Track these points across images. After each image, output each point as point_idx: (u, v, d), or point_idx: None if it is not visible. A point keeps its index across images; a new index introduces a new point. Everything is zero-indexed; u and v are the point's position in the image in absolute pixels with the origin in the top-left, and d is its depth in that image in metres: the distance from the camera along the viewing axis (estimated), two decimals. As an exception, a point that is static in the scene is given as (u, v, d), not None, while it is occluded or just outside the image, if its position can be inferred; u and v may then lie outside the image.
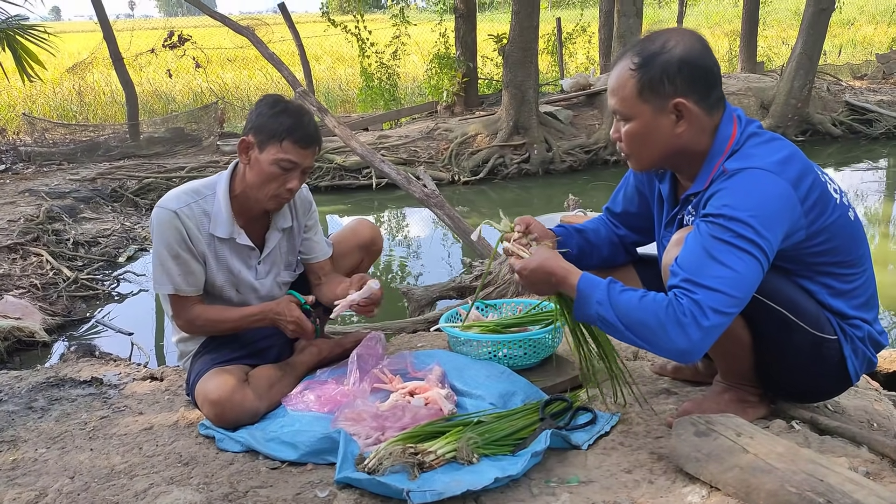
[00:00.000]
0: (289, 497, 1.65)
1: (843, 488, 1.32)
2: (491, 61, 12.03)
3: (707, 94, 1.64)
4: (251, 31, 6.24)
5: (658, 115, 1.64)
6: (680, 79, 1.61)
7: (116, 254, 5.64)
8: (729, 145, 1.65)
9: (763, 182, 1.56)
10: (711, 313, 1.51)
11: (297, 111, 2.11)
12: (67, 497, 1.71)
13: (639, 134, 1.68)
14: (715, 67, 1.66)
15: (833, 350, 1.70)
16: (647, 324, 1.55)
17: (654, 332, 1.54)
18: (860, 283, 1.73)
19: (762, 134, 1.67)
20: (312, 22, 18.02)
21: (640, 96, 1.64)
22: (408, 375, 2.18)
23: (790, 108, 9.56)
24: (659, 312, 1.54)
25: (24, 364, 3.59)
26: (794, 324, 1.66)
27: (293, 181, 2.11)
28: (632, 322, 1.58)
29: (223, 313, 2.19)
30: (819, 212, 1.62)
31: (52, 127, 9.52)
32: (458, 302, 3.72)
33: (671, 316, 1.52)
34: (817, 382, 1.79)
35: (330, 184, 8.03)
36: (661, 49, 1.62)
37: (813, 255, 1.66)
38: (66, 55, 14.28)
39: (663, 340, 1.54)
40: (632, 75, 1.64)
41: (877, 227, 6.54)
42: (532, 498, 1.59)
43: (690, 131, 1.65)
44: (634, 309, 1.58)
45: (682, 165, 1.74)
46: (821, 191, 1.63)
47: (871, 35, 20.22)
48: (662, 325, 1.53)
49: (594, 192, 7.60)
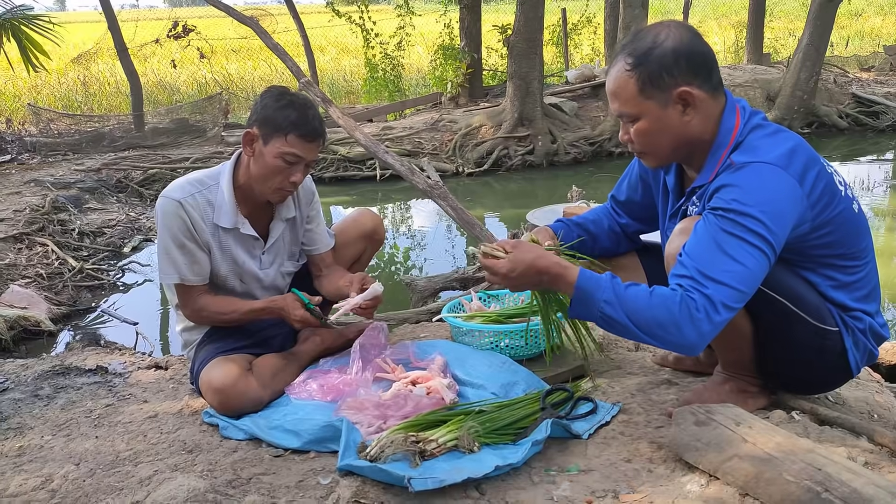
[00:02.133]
0: (291, 484, 1.67)
1: (840, 477, 1.33)
2: (496, 52, 11.99)
3: (709, 78, 1.65)
4: (255, 21, 6.23)
5: (664, 109, 1.64)
6: (678, 69, 1.61)
7: (121, 244, 5.66)
8: (733, 136, 1.65)
9: (772, 178, 1.56)
10: (722, 309, 1.52)
11: (302, 104, 2.10)
12: (73, 483, 1.73)
13: (649, 131, 1.67)
14: (709, 51, 1.66)
15: (834, 342, 1.71)
16: (660, 321, 1.54)
17: (667, 329, 1.54)
18: (862, 276, 1.73)
19: (767, 126, 1.67)
20: (317, 12, 17.99)
21: (643, 94, 1.63)
22: (410, 365, 2.20)
23: (796, 100, 9.51)
24: (673, 309, 1.53)
25: (30, 353, 3.62)
26: (796, 315, 1.66)
27: (297, 174, 2.11)
28: (643, 320, 1.56)
29: (230, 305, 2.20)
30: (824, 204, 1.63)
31: (57, 117, 9.54)
32: (460, 293, 3.73)
33: (685, 313, 1.52)
34: (818, 374, 1.79)
35: (334, 175, 8.03)
36: (652, 44, 1.62)
37: (816, 246, 1.67)
38: (70, 45, 14.25)
39: (675, 336, 1.54)
40: (629, 76, 1.64)
41: (883, 220, 6.52)
42: (532, 486, 1.60)
43: (698, 118, 1.66)
44: (645, 307, 1.56)
45: (692, 156, 1.74)
46: (826, 182, 1.63)
47: (879, 26, 20.07)
48: (676, 322, 1.52)
49: (598, 183, 7.58)
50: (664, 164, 1.80)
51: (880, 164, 8.92)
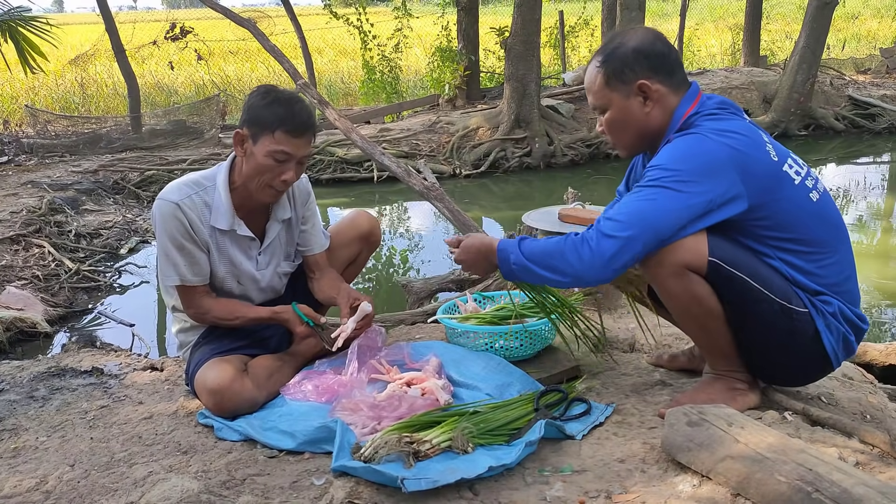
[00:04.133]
0: (286, 485, 1.67)
1: (831, 477, 1.34)
2: (493, 54, 12.00)
3: (669, 75, 1.83)
4: (253, 23, 6.22)
5: (627, 100, 1.84)
6: (637, 65, 1.82)
7: (118, 245, 5.66)
8: (682, 121, 1.80)
9: (693, 141, 1.73)
10: (601, 237, 1.68)
11: (287, 100, 2.08)
12: (67, 484, 1.73)
13: (616, 120, 1.88)
14: (669, 52, 1.86)
15: (805, 323, 1.74)
16: (549, 253, 1.75)
17: (555, 258, 1.73)
18: (827, 265, 1.77)
19: (719, 114, 1.78)
20: (315, 14, 17.99)
21: (608, 86, 1.86)
22: (405, 366, 2.20)
23: (793, 103, 9.54)
24: (560, 242, 1.74)
25: (26, 354, 3.62)
26: (759, 291, 1.71)
27: (288, 172, 2.10)
28: (538, 256, 1.77)
29: (234, 311, 2.20)
30: (763, 185, 1.70)
31: (54, 119, 9.51)
32: (456, 294, 3.74)
33: (570, 243, 1.72)
34: (795, 359, 1.81)
35: (331, 177, 8.03)
36: (618, 45, 1.85)
37: (762, 227, 1.74)
38: (68, 47, 14.26)
39: (563, 265, 1.72)
40: (598, 71, 1.87)
41: (879, 222, 6.53)
42: (526, 486, 1.61)
43: (657, 110, 1.84)
44: (539, 247, 1.78)
45: (655, 146, 1.87)
46: (766, 167, 1.72)
47: (876, 29, 20.13)
48: (562, 251, 1.72)
49: (595, 185, 7.58)
50: (632, 153, 1.99)
51: (877, 167, 8.94)
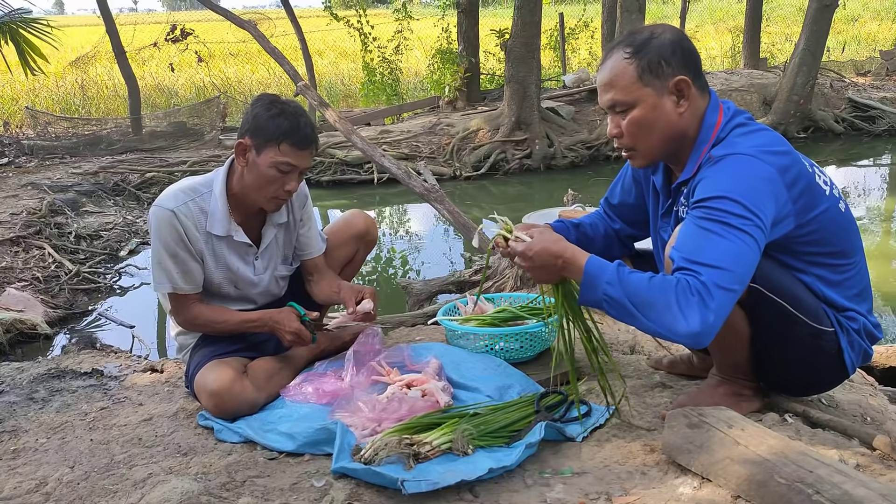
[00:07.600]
0: (285, 487, 1.67)
1: (832, 479, 1.33)
2: (493, 56, 12.01)
3: (699, 75, 1.71)
4: (253, 25, 6.24)
5: (661, 97, 1.67)
6: (675, 60, 1.66)
7: (118, 247, 5.67)
8: (714, 132, 1.69)
9: (747, 165, 1.59)
10: (717, 290, 1.49)
11: (293, 112, 2.08)
12: (67, 486, 1.73)
13: (644, 119, 1.68)
14: (698, 53, 1.74)
15: (830, 342, 1.71)
16: (655, 303, 1.52)
17: (662, 312, 1.51)
18: (852, 275, 1.75)
19: (749, 124, 1.71)
20: (315, 16, 18.01)
21: (641, 80, 1.66)
22: (405, 368, 2.20)
23: (792, 105, 9.54)
24: (667, 291, 1.51)
25: (26, 356, 3.62)
26: (795, 316, 1.67)
27: (291, 183, 2.11)
28: (640, 302, 1.54)
29: (223, 315, 2.20)
30: (807, 201, 1.64)
31: (54, 121, 9.53)
32: (457, 296, 3.73)
33: (679, 295, 1.50)
34: (815, 374, 1.80)
35: (331, 179, 8.04)
36: (650, 36, 1.68)
37: (804, 244, 1.68)
38: (68, 49, 14.27)
39: (671, 321, 1.51)
40: (629, 62, 1.66)
41: (879, 224, 6.53)
42: (526, 488, 1.61)
43: (689, 112, 1.69)
44: (644, 289, 1.54)
45: (678, 153, 1.76)
46: (808, 181, 1.65)
47: (876, 31, 20.13)
48: (669, 304, 1.50)
49: (595, 187, 7.59)
50: (651, 161, 1.80)
51: (877, 169, 8.94)
